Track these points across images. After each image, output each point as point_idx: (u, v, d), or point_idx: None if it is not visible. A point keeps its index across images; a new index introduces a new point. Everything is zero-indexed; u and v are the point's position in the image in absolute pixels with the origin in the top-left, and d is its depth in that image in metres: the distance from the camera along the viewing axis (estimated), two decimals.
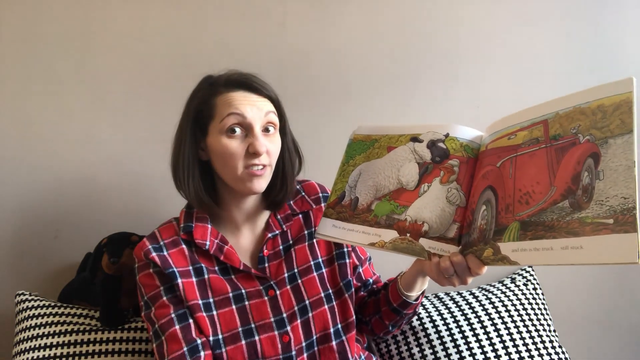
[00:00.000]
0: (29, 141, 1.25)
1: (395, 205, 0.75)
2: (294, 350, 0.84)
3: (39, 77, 1.25)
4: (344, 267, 0.92)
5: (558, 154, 0.62)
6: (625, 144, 0.55)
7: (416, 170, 0.75)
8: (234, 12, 1.32)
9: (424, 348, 1.09)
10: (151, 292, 0.84)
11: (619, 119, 0.57)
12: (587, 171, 0.58)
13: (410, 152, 0.77)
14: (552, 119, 0.64)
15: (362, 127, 0.87)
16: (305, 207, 0.96)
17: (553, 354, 1.10)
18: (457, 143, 0.74)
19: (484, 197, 0.69)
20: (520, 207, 0.63)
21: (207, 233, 0.87)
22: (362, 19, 1.37)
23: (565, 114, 0.63)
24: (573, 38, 1.43)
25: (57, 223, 1.25)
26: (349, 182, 0.82)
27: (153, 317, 0.83)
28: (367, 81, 1.37)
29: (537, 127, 0.66)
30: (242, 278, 0.87)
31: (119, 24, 1.28)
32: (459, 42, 1.40)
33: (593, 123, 0.59)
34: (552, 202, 0.60)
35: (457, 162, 0.73)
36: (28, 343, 1.01)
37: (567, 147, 0.61)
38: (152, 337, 0.82)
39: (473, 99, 1.39)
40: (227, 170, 0.84)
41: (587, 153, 0.59)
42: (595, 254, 0.53)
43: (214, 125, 0.84)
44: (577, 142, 0.60)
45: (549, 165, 0.63)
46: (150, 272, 0.84)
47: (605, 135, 0.57)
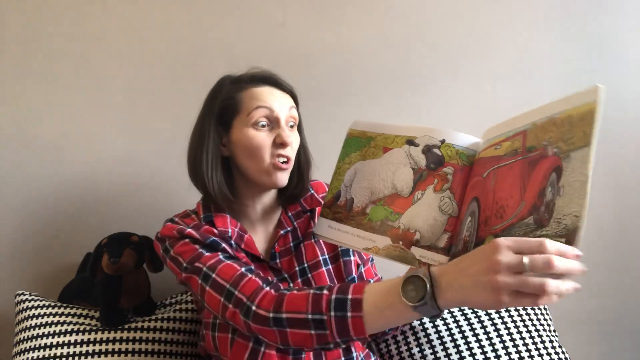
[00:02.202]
0: (29, 141, 1.25)
1: (390, 211, 0.75)
2: None
3: (39, 77, 1.25)
4: (348, 264, 0.93)
5: (530, 167, 0.58)
6: (582, 157, 0.51)
7: (411, 177, 0.75)
8: (234, 12, 1.32)
9: (424, 348, 1.09)
10: (191, 254, 0.80)
11: (581, 131, 0.53)
12: (551, 186, 0.54)
13: (406, 156, 0.77)
14: (530, 130, 0.61)
15: (358, 123, 0.86)
16: (314, 205, 0.97)
17: (553, 354, 1.10)
18: (453, 150, 0.72)
19: (470, 208, 0.66)
20: (495, 221, 0.60)
21: (227, 222, 0.88)
22: (362, 19, 1.37)
23: (540, 124, 0.59)
24: (573, 38, 1.43)
25: (57, 223, 1.25)
26: (344, 181, 0.82)
27: (199, 264, 0.78)
28: (367, 81, 1.37)
29: (517, 137, 0.62)
30: (258, 268, 0.87)
31: (119, 24, 1.28)
32: (459, 42, 1.40)
33: (561, 135, 0.55)
34: (520, 217, 0.57)
35: (452, 170, 0.72)
36: (28, 343, 1.01)
37: (537, 160, 0.58)
38: (201, 285, 0.76)
39: (473, 99, 1.39)
40: (252, 162, 0.85)
41: (552, 167, 0.55)
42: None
43: (240, 119, 0.85)
44: (546, 155, 0.57)
45: (522, 179, 0.59)
46: (187, 241, 0.82)
47: (569, 148, 0.54)
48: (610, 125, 1.42)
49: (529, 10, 1.42)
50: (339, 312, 0.64)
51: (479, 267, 0.53)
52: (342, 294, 0.66)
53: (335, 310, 0.65)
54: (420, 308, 0.58)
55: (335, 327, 0.65)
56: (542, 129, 0.59)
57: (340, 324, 0.64)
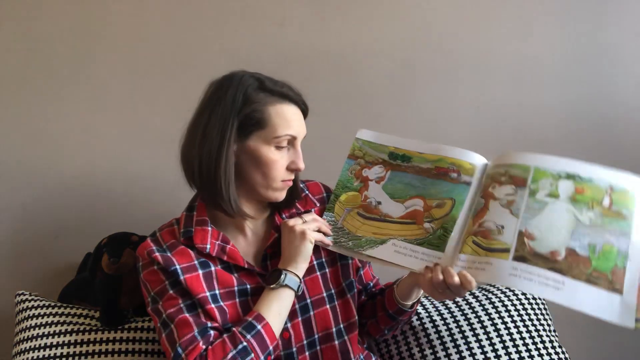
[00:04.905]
0: (29, 141, 1.25)
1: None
2: (295, 347, 0.85)
3: (39, 77, 1.25)
4: (346, 268, 0.92)
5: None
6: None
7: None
8: (234, 12, 1.32)
9: (424, 348, 1.09)
10: (157, 287, 0.83)
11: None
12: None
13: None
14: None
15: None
16: (309, 206, 0.95)
17: (553, 354, 1.10)
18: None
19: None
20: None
21: (207, 236, 0.86)
22: (362, 20, 1.37)
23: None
24: (573, 39, 1.43)
25: (57, 223, 1.25)
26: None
27: (161, 308, 0.81)
28: (367, 82, 1.37)
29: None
30: (244, 275, 0.87)
31: (119, 24, 1.29)
32: (459, 43, 1.40)
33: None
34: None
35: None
36: (28, 343, 1.01)
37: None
38: (161, 328, 0.80)
39: (473, 100, 1.39)
40: (261, 177, 0.84)
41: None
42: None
43: (262, 134, 0.83)
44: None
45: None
46: (155, 269, 0.84)
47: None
48: (608, 126, 1.42)
49: (529, 11, 1.42)
50: (252, 331, 0.77)
51: (289, 239, 0.86)
52: (244, 322, 0.79)
53: (248, 332, 0.77)
54: (287, 280, 0.82)
55: (257, 345, 0.77)
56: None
57: (258, 339, 0.77)
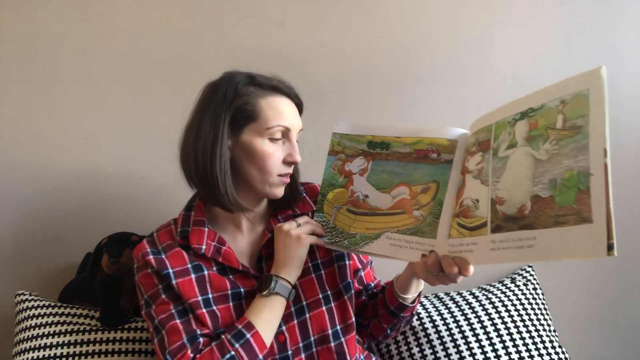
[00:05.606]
0: (29, 141, 1.25)
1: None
2: (290, 350, 0.84)
3: (39, 77, 1.26)
4: (343, 269, 0.92)
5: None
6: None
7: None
8: (234, 12, 1.32)
9: (424, 348, 1.09)
10: (150, 290, 0.84)
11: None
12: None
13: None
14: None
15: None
16: (306, 209, 0.95)
17: (553, 354, 1.10)
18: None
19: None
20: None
21: (203, 237, 0.86)
22: (362, 19, 1.37)
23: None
24: (573, 38, 1.43)
25: (57, 223, 1.25)
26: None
27: (153, 313, 0.83)
28: (367, 81, 1.37)
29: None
30: (239, 278, 0.87)
31: (119, 24, 1.29)
32: (459, 42, 1.40)
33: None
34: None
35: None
36: (28, 343, 1.01)
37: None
38: (153, 333, 0.82)
39: (473, 100, 1.39)
40: (258, 172, 0.84)
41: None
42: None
43: (255, 127, 0.83)
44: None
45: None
46: (149, 272, 0.85)
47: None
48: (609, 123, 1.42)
49: (529, 10, 1.42)
50: (241, 340, 0.77)
51: (284, 244, 0.86)
52: (234, 329, 0.78)
53: (237, 341, 0.77)
54: (277, 288, 0.82)
55: (245, 354, 0.76)
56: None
57: (246, 349, 0.77)
